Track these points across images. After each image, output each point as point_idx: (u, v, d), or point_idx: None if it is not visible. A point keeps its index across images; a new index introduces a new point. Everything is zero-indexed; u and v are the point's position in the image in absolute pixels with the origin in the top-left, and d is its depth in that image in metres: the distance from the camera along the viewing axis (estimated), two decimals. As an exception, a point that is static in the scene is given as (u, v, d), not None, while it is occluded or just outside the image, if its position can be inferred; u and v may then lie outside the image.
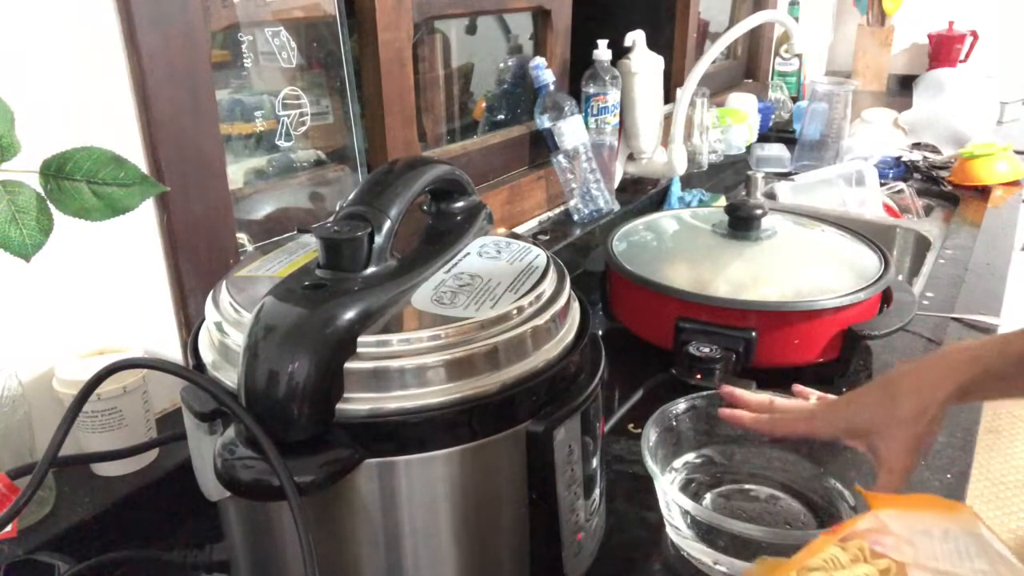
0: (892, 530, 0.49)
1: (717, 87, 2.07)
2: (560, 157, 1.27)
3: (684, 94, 1.42)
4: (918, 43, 2.87)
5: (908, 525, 0.49)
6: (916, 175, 1.74)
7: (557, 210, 1.36)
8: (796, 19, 2.26)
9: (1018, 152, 1.67)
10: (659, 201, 1.54)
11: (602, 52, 1.30)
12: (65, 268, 0.66)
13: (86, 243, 0.67)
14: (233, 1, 0.80)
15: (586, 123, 1.30)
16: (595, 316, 0.93)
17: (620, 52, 1.35)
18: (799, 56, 2.25)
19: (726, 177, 1.75)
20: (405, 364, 0.46)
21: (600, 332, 0.87)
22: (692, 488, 0.72)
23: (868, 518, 0.50)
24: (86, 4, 0.64)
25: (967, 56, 2.75)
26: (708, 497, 0.71)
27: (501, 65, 1.39)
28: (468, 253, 0.58)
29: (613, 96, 1.32)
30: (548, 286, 0.54)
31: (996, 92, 2.15)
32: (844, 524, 0.51)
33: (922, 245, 1.42)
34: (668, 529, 0.66)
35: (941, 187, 1.68)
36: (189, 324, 0.76)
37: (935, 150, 1.88)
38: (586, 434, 0.54)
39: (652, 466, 0.64)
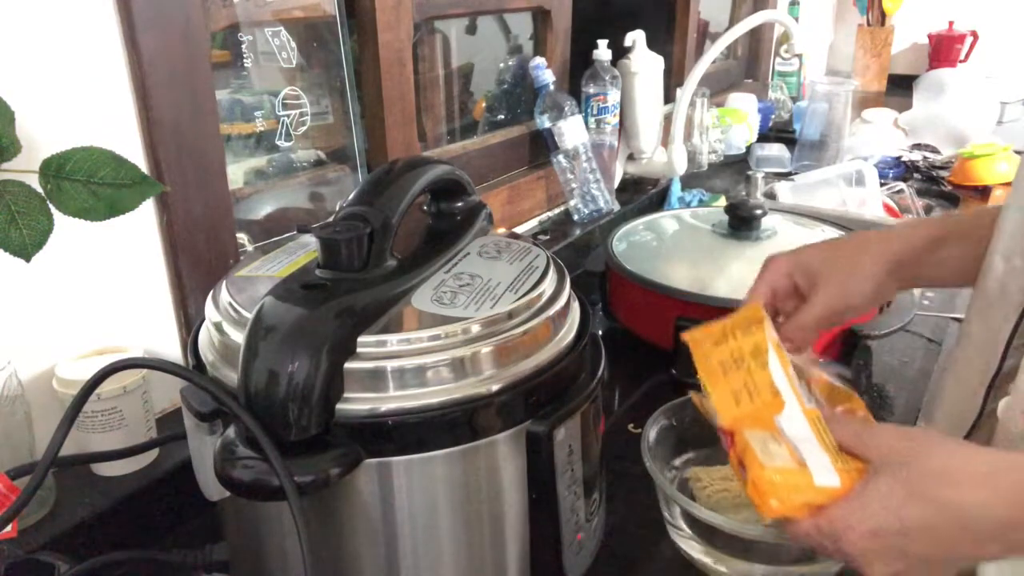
0: None
1: (717, 87, 2.07)
2: (560, 157, 1.27)
3: (684, 94, 1.42)
4: (918, 43, 2.87)
5: None
6: (916, 175, 1.73)
7: (557, 210, 1.35)
8: (796, 19, 2.26)
9: (1018, 152, 1.66)
10: (659, 201, 1.53)
11: (602, 52, 1.30)
12: (65, 268, 0.66)
13: (86, 243, 0.67)
14: (233, 1, 0.80)
15: (586, 123, 1.30)
16: (595, 316, 0.93)
17: (620, 52, 1.35)
18: (799, 56, 2.24)
19: (726, 177, 1.75)
20: (405, 364, 0.46)
21: (600, 332, 0.87)
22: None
23: None
24: (86, 4, 0.64)
25: (967, 56, 2.75)
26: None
27: (501, 65, 1.39)
28: (468, 253, 0.58)
29: (613, 96, 1.32)
30: (548, 286, 0.54)
31: (996, 92, 2.15)
32: None
33: (922, 245, 1.41)
34: (668, 529, 0.66)
35: (941, 187, 1.68)
36: (189, 324, 0.76)
37: (935, 150, 1.87)
38: (586, 434, 0.54)
39: (652, 466, 0.64)
